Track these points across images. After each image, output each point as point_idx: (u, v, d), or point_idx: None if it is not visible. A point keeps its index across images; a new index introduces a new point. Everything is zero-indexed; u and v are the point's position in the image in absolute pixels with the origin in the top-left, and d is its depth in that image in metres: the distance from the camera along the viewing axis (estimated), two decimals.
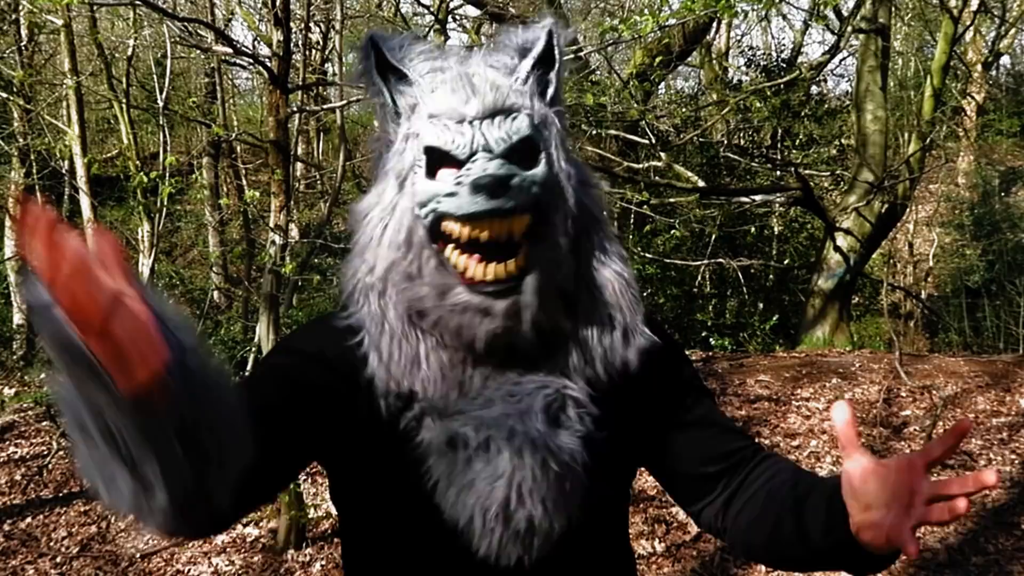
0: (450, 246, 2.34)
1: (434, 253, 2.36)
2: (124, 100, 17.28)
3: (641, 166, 16.79)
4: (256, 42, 17.26)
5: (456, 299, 2.33)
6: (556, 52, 2.47)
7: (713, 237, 21.42)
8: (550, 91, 2.49)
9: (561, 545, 2.38)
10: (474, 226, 2.27)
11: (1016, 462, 10.71)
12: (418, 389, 2.38)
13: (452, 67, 2.43)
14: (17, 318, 21.73)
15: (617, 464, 2.56)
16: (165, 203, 11.93)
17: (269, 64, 9.16)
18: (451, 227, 2.30)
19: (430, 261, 2.36)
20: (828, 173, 22.06)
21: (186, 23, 11.92)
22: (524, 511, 2.29)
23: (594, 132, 15.28)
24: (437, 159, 2.36)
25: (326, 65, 20.44)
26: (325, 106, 13.61)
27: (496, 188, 2.24)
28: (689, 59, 23.94)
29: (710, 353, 16.65)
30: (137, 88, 21.18)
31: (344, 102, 10.76)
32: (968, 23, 25.94)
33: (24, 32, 18.79)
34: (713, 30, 23.42)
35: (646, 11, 9.50)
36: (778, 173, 21.77)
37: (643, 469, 2.77)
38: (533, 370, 2.40)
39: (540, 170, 2.34)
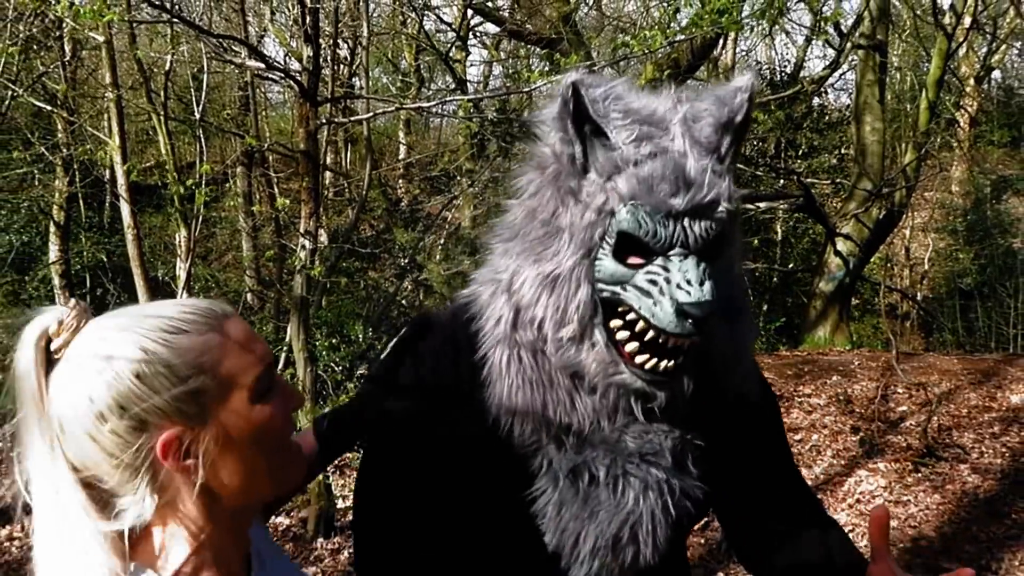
0: (624, 331, 2.28)
1: (604, 329, 2.30)
2: (162, 112, 17.27)
3: None
4: (287, 58, 17.25)
5: (621, 378, 2.30)
6: (752, 118, 2.26)
7: None
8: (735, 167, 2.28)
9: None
10: (667, 336, 2.20)
11: (1006, 455, 10.71)
12: (558, 420, 2.35)
13: (657, 140, 2.25)
14: None
15: (705, 502, 2.52)
16: (201, 210, 11.94)
17: (299, 78, 9.16)
18: (637, 322, 2.25)
19: (599, 335, 2.30)
20: (829, 181, 22.05)
21: (221, 40, 11.92)
22: (634, 546, 2.31)
23: None
24: (629, 243, 2.26)
25: (353, 79, 20.44)
26: (352, 118, 13.61)
27: (701, 320, 2.15)
28: (697, 73, 23.92)
29: None
30: (175, 101, 21.18)
31: (371, 115, 10.77)
32: (961, 40, 25.86)
33: (68, 48, 18.81)
34: (720, 46, 23.42)
35: (656, 28, 9.51)
36: (781, 181, 21.75)
37: None
38: (657, 418, 2.37)
39: (722, 264, 2.28)
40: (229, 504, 1.89)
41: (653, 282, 2.19)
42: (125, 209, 16.19)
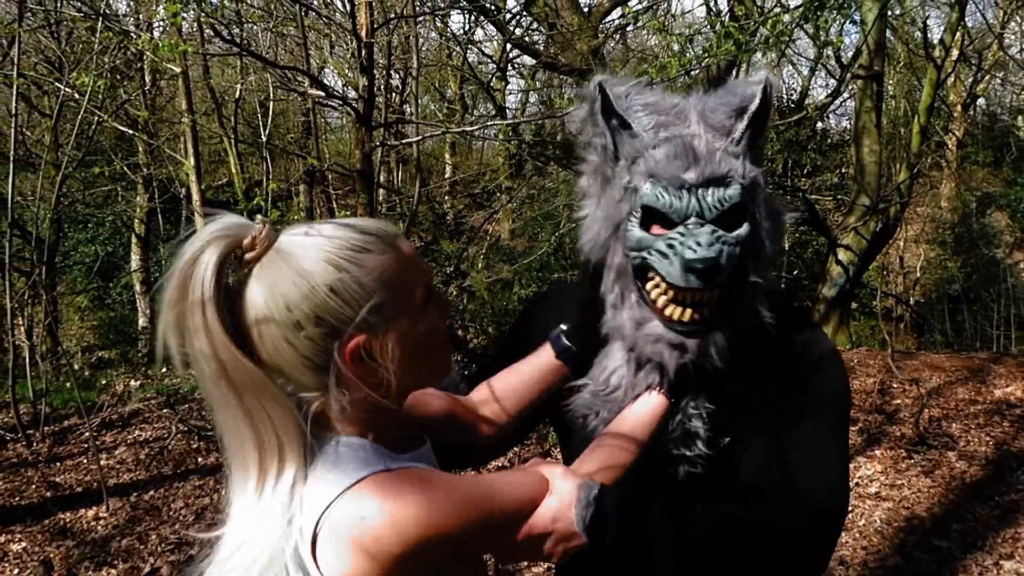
0: (652, 285, 2.39)
1: (636, 288, 2.42)
2: (233, 136, 17.32)
3: None
4: (345, 87, 17.26)
5: (652, 331, 2.41)
6: (769, 109, 2.33)
7: None
8: (756, 147, 2.38)
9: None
10: (679, 292, 2.32)
11: (991, 444, 10.69)
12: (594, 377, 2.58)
13: (674, 127, 2.38)
14: (141, 321, 21.84)
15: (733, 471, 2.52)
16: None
17: (356, 105, 9.17)
18: (658, 279, 2.36)
19: (632, 295, 2.44)
20: (831, 197, 21.97)
21: (285, 70, 11.94)
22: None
23: None
24: (652, 216, 2.37)
25: (404, 106, 20.45)
26: (403, 141, 13.59)
27: (706, 273, 2.24)
28: None
29: None
30: (243, 125, 21.22)
31: (419, 138, 10.76)
32: (950, 71, 25.87)
33: (148, 78, 18.88)
34: (733, 75, 23.41)
35: (673, 58, 9.51)
36: (788, 197, 21.71)
37: None
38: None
39: (743, 231, 2.33)
40: (395, 398, 2.01)
41: (671, 245, 2.29)
42: (199, 222, 16.25)
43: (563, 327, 2.68)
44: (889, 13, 20.63)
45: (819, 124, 25.52)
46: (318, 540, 1.79)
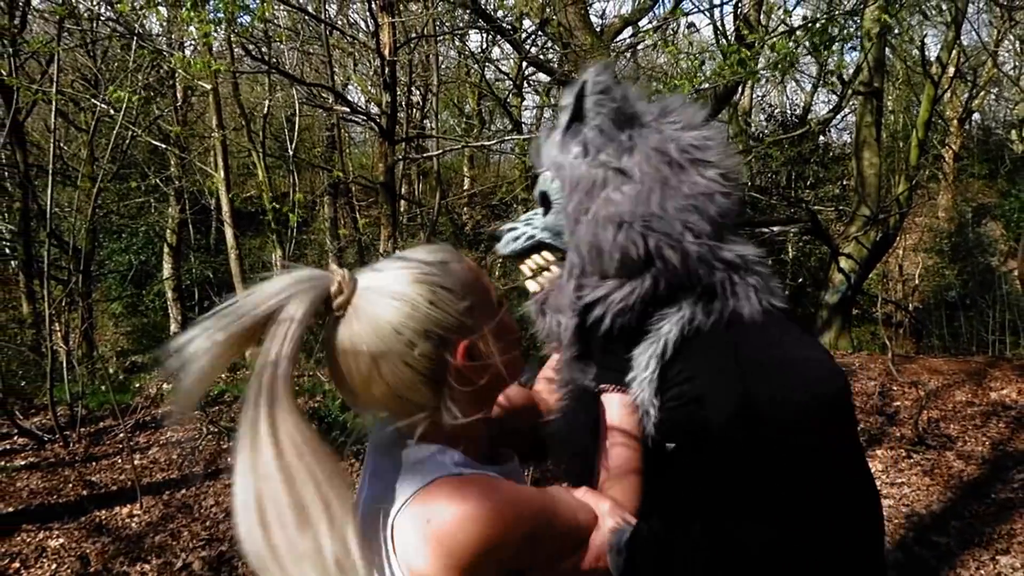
0: None
1: None
2: (261, 150, 17.35)
3: None
4: (368, 103, 17.28)
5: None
6: (585, 104, 2.26)
7: None
8: (584, 140, 2.28)
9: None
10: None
11: (987, 444, 10.66)
12: None
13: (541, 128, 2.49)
14: (173, 327, 21.88)
15: (688, 478, 2.18)
16: (294, 233, 11.97)
17: (379, 121, 9.18)
18: None
19: None
20: (833, 208, 21.96)
21: (311, 87, 11.95)
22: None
23: None
24: None
25: (425, 121, 20.46)
26: (424, 155, 13.62)
27: (496, 240, 2.50)
28: (719, 116, 23.84)
29: None
30: (271, 140, 21.25)
31: (440, 151, 10.77)
32: (946, 87, 25.85)
33: (179, 95, 18.92)
34: (739, 92, 23.37)
35: (684, 77, 9.49)
36: (792, 209, 21.70)
37: None
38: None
39: (547, 218, 2.41)
40: (494, 396, 2.11)
41: None
42: (228, 232, 16.27)
43: None
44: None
45: (821, 138, 25.58)
46: (395, 537, 1.80)
